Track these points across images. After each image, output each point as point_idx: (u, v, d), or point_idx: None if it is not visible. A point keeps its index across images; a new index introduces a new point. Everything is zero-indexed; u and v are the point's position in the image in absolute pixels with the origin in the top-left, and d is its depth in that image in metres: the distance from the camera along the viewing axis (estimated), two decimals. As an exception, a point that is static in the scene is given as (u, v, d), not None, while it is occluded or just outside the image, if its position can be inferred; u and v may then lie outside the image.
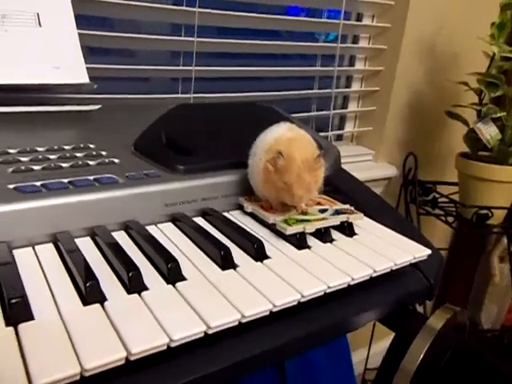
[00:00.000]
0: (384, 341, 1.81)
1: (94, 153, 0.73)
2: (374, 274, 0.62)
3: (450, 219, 1.71)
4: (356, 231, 0.73)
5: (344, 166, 0.98)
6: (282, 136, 0.68)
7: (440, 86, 1.88)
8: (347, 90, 1.86)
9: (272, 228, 0.70)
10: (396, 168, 1.86)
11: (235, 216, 0.74)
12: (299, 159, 0.64)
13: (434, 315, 0.68)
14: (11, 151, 0.69)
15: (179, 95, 1.38)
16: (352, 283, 0.60)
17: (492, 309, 2.12)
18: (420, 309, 1.69)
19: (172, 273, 0.54)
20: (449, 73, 1.86)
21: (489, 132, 1.50)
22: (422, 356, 0.63)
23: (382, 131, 1.83)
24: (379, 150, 1.86)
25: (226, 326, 0.48)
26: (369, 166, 1.85)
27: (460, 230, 1.84)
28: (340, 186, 0.85)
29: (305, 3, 1.66)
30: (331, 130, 1.76)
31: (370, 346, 1.94)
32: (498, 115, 1.50)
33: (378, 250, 0.67)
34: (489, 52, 1.54)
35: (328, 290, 0.57)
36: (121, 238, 0.62)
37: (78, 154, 0.71)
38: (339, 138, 1.93)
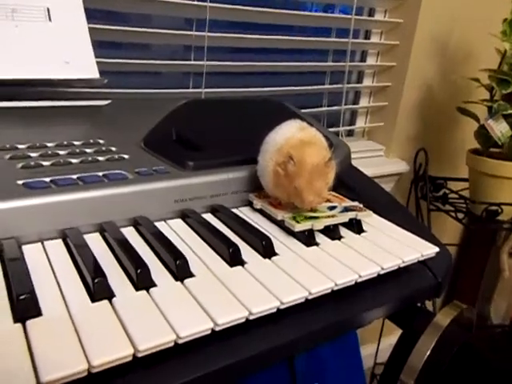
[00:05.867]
0: (393, 335, 1.80)
1: (104, 148, 0.73)
2: (382, 272, 0.63)
3: (460, 215, 1.70)
4: (364, 228, 0.73)
5: (355, 162, 0.98)
6: (292, 136, 0.67)
7: (452, 82, 1.87)
8: (359, 85, 1.85)
9: (281, 225, 0.70)
10: (407, 163, 1.85)
11: (244, 212, 0.74)
12: (310, 164, 0.64)
13: (441, 312, 0.68)
14: (20, 146, 0.69)
15: (190, 90, 1.38)
16: (359, 280, 0.60)
17: (501, 304, 2.11)
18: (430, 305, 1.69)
19: (180, 269, 0.54)
20: (461, 69, 1.85)
21: (499, 129, 1.49)
22: (428, 353, 0.63)
23: (393, 127, 1.83)
24: (390, 146, 1.85)
25: (233, 323, 0.48)
26: (380, 161, 1.84)
27: (470, 226, 1.83)
28: (349, 182, 0.84)
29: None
30: (342, 126, 1.76)
31: (379, 341, 1.95)
32: (509, 112, 1.49)
33: (386, 247, 0.67)
34: (501, 49, 1.54)
35: (335, 288, 0.57)
36: (130, 234, 0.62)
37: (88, 150, 0.72)
38: (350, 133, 1.93)
